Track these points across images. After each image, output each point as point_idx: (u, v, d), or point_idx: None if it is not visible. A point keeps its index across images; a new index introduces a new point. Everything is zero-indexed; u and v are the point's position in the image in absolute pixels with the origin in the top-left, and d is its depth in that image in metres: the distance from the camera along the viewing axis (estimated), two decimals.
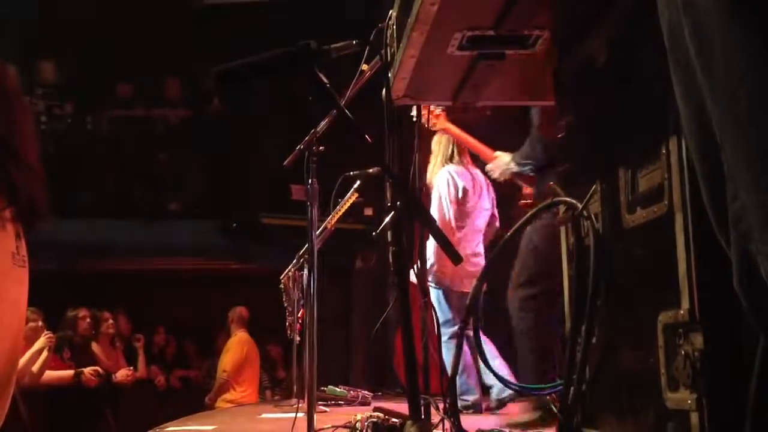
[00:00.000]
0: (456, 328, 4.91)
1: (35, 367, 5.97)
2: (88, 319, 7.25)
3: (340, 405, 5.77)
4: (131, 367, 7.56)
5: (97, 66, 10.19)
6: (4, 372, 1.51)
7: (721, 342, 1.55)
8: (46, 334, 6.09)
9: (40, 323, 6.17)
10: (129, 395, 7.33)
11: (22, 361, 5.33)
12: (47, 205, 1.70)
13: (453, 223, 5.28)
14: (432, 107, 4.24)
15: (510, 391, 4.88)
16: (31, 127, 1.75)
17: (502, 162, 4.51)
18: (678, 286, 1.62)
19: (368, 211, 7.57)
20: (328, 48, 2.03)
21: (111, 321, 7.82)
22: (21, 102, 1.73)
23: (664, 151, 1.69)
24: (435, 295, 5.13)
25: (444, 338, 4.90)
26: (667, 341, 1.68)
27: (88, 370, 6.51)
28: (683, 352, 1.60)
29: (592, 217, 2.06)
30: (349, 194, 5.28)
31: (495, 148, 4.75)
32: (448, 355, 4.44)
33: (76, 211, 9.41)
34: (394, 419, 3.04)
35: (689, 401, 1.57)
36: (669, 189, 1.68)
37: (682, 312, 1.61)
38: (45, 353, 6.06)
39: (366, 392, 6.14)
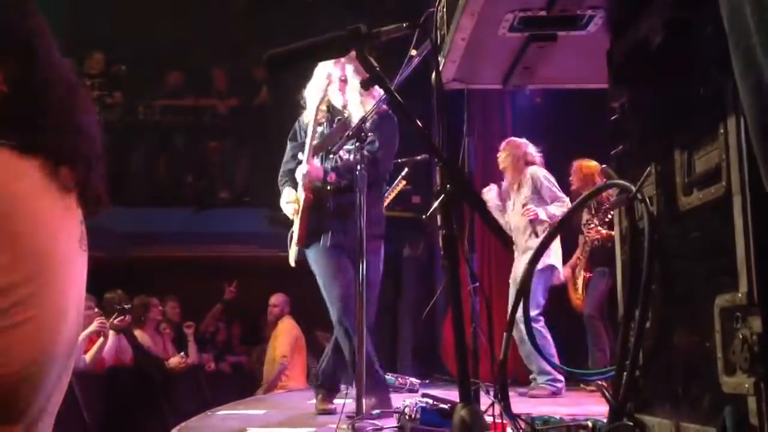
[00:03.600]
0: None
1: (90, 354, 6.09)
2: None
3: None
4: (183, 354, 7.66)
5: (147, 55, 10.31)
6: (67, 353, 1.54)
7: None
8: (98, 320, 6.20)
9: (95, 309, 6.29)
10: (181, 381, 7.44)
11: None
12: (107, 194, 1.72)
13: None
14: None
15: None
16: (95, 117, 1.76)
17: None
18: (736, 269, 1.59)
19: (416, 199, 7.55)
20: (377, 31, 2.00)
21: (159, 307, 7.94)
22: (83, 94, 1.74)
23: (721, 132, 1.66)
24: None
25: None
26: (724, 325, 1.65)
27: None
28: (741, 336, 1.57)
29: (647, 199, 2.02)
30: (396, 182, 5.29)
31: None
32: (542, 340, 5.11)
33: (127, 200, 9.56)
34: (442, 405, 3.03)
35: (747, 385, 1.54)
36: (727, 170, 1.64)
37: (740, 295, 1.58)
38: (101, 339, 6.16)
39: (414, 379, 6.14)
